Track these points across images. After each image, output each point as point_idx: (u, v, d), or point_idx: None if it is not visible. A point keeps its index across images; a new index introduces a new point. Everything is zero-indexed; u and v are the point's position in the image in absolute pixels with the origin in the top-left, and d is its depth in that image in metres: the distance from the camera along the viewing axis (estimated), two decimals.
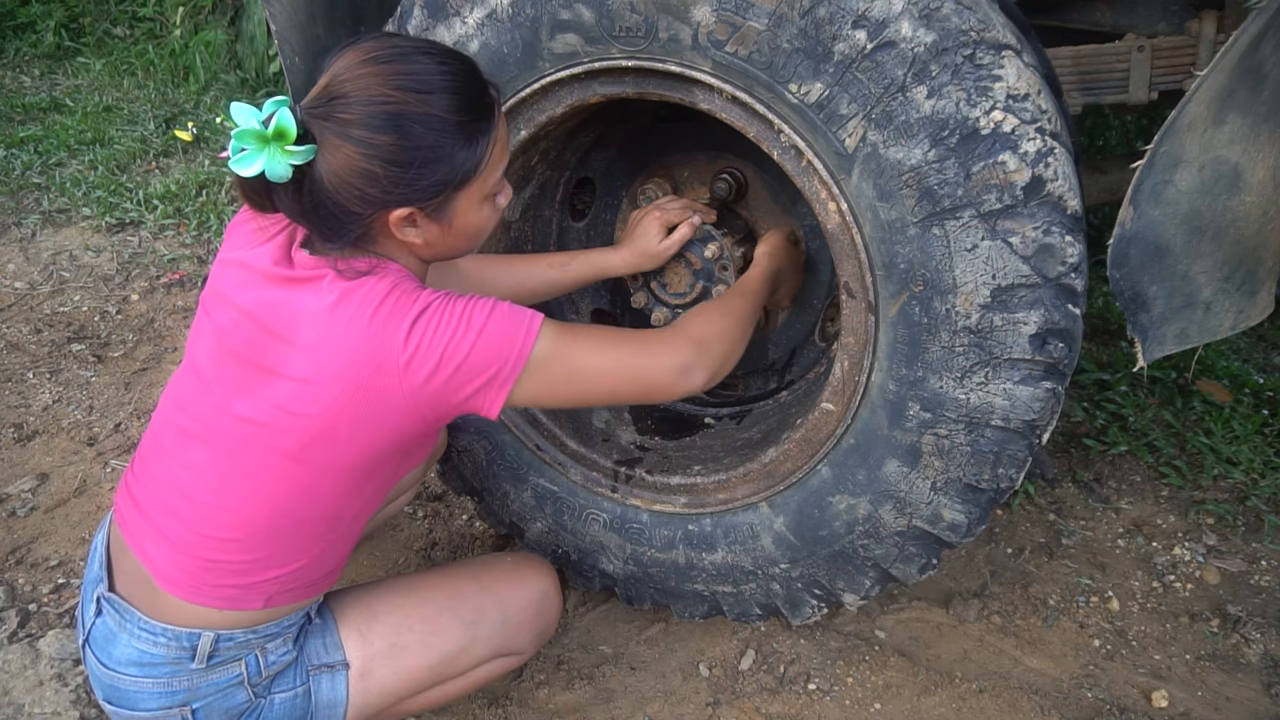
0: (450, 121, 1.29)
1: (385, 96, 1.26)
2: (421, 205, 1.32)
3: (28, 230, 3.57)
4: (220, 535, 1.41)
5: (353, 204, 1.29)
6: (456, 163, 1.31)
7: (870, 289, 1.55)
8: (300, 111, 1.26)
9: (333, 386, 1.31)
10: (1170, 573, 2.27)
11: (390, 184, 1.28)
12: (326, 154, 1.27)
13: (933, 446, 1.60)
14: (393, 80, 1.27)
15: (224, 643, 1.45)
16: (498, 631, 1.64)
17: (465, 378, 1.33)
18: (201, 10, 5.21)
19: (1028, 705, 1.88)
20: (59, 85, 5.09)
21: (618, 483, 1.93)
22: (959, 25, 1.39)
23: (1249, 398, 2.85)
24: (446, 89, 1.29)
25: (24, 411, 2.66)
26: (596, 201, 2.13)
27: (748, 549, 1.84)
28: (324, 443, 1.35)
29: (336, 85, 1.27)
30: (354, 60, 1.29)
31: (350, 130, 1.25)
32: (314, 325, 1.32)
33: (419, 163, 1.28)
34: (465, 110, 1.31)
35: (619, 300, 2.17)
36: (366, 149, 1.25)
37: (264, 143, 1.24)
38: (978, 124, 1.40)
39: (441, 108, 1.28)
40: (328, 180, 1.27)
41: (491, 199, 1.42)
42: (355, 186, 1.28)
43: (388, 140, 1.26)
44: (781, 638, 2.04)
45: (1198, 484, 2.54)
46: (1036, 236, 1.43)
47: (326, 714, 1.54)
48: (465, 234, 1.42)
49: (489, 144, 1.35)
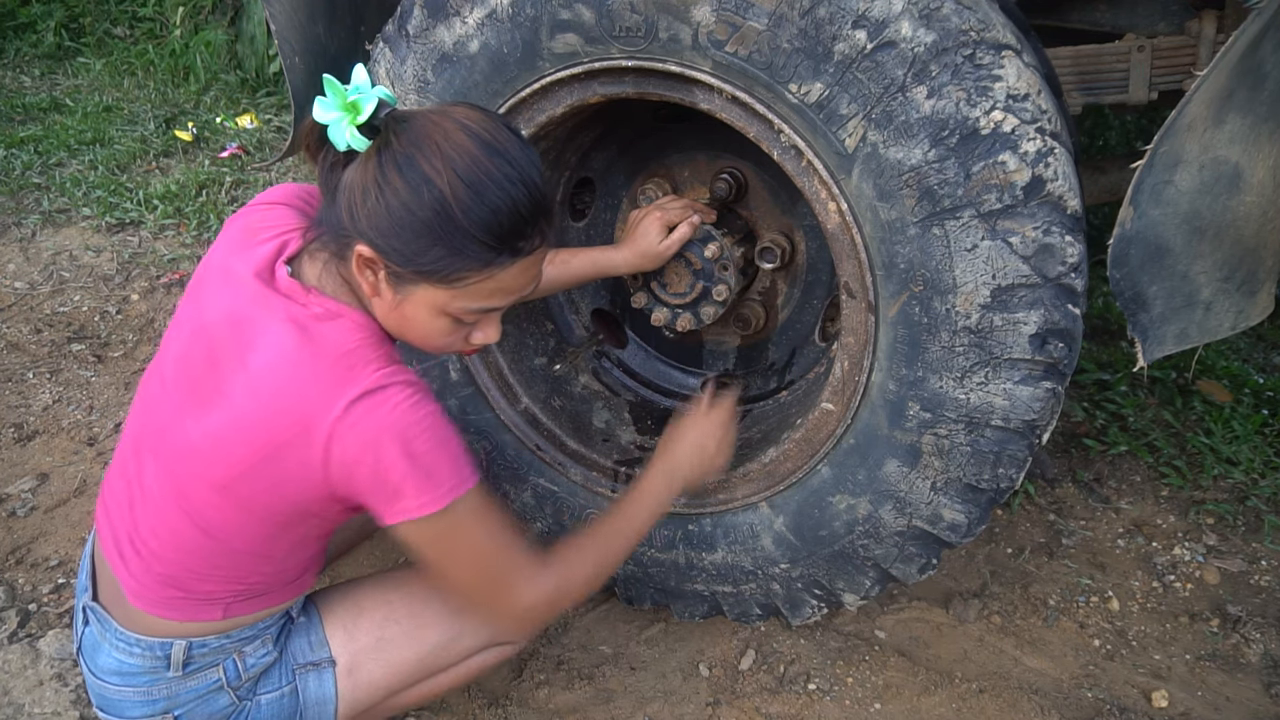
0: (461, 225, 1.23)
1: (437, 162, 1.21)
2: (386, 260, 1.26)
3: (28, 230, 3.58)
4: (161, 552, 1.38)
5: (343, 210, 1.26)
6: (435, 256, 1.24)
7: (870, 289, 1.55)
8: (387, 113, 1.23)
9: (259, 431, 1.27)
10: (1170, 573, 2.27)
11: (373, 219, 1.24)
12: (365, 156, 1.24)
13: (933, 446, 1.60)
14: (460, 157, 1.22)
15: (197, 649, 1.43)
16: (484, 625, 1.61)
17: (376, 486, 1.27)
18: (201, 10, 5.21)
19: (1028, 705, 1.88)
20: (59, 85, 5.09)
21: (618, 483, 1.93)
22: (959, 25, 1.39)
23: (1249, 398, 2.85)
24: (487, 201, 1.23)
25: (24, 411, 2.66)
26: (596, 201, 2.13)
27: (748, 549, 1.83)
28: (245, 483, 1.30)
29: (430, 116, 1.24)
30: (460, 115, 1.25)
31: (392, 154, 1.22)
32: (266, 356, 1.28)
33: (405, 225, 1.23)
34: (485, 230, 1.24)
35: (619, 300, 2.17)
36: (383, 178, 1.22)
37: (343, 105, 1.22)
38: (978, 124, 1.40)
39: (466, 208, 1.22)
40: (348, 174, 1.26)
41: (454, 321, 1.33)
42: (354, 196, 1.25)
43: (400, 188, 1.22)
44: (781, 638, 2.04)
45: (1198, 484, 2.54)
46: (1036, 236, 1.43)
47: (316, 711, 1.52)
48: (409, 325, 1.33)
49: (481, 275, 1.27)
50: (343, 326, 1.30)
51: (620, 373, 2.19)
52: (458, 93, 1.70)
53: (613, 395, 2.14)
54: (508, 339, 1.99)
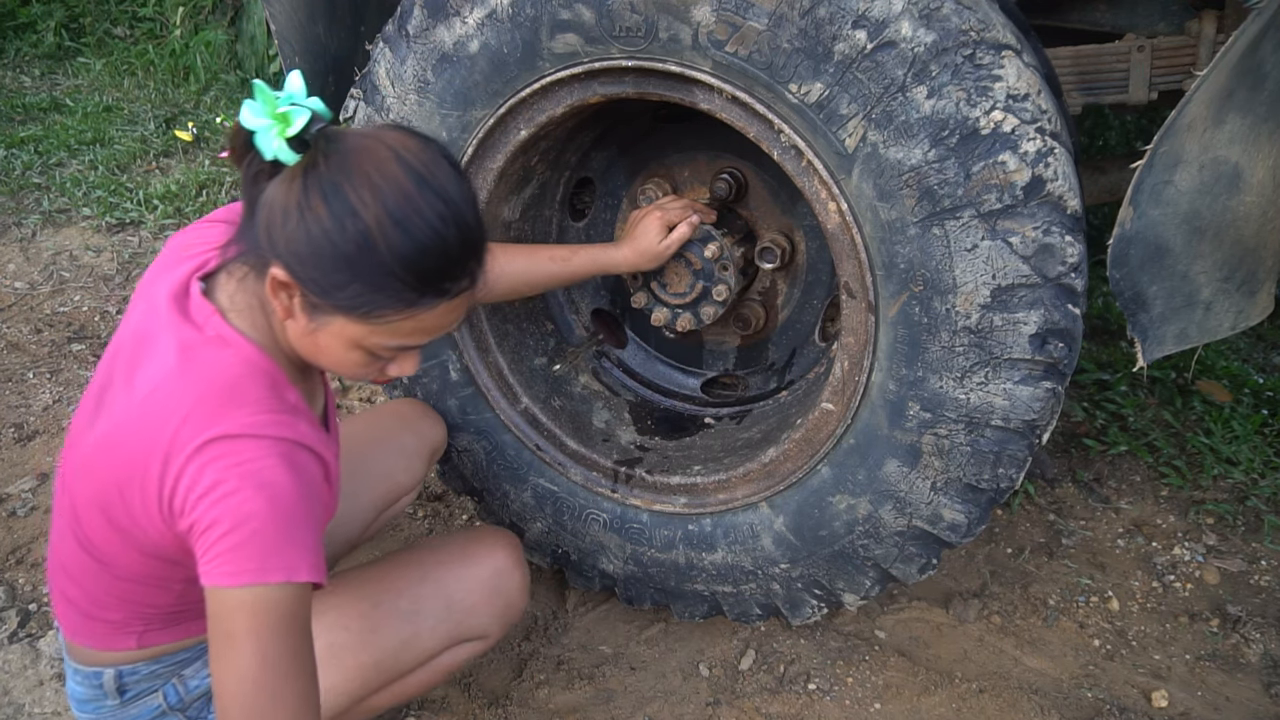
0: (383, 261, 1.15)
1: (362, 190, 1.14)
2: (301, 287, 1.18)
3: (28, 230, 3.57)
4: (67, 578, 1.33)
5: (261, 226, 1.17)
6: (353, 292, 1.16)
7: (870, 289, 1.55)
8: (319, 129, 1.15)
9: (121, 451, 1.21)
10: (1170, 573, 2.27)
11: (290, 241, 1.15)
12: (291, 172, 1.16)
13: (933, 446, 1.60)
14: (388, 186, 1.14)
15: (128, 677, 1.37)
16: (443, 620, 1.55)
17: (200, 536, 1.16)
18: (201, 10, 5.21)
19: (1028, 705, 1.88)
20: (59, 85, 5.09)
21: (618, 483, 1.93)
22: (959, 25, 1.39)
23: (1249, 398, 2.85)
24: (414, 238, 1.15)
25: (24, 411, 2.66)
26: (596, 201, 2.13)
27: (748, 549, 1.84)
28: (112, 505, 1.23)
29: (364, 139, 1.17)
30: (395, 140, 1.18)
31: (318, 175, 1.14)
32: (147, 376, 1.22)
33: (324, 254, 1.14)
34: (411, 272, 1.16)
35: (619, 300, 2.17)
36: (305, 200, 1.14)
37: (271, 114, 1.14)
38: (978, 124, 1.40)
39: (390, 244, 1.14)
40: (270, 188, 1.17)
41: (368, 354, 1.25)
42: (273, 214, 1.16)
43: (322, 213, 1.13)
44: (781, 638, 2.04)
45: (1198, 484, 2.54)
46: (1036, 236, 1.43)
47: None
48: (321, 353, 1.26)
49: (401, 314, 1.19)
50: (229, 358, 1.22)
51: (620, 373, 2.19)
52: (458, 92, 1.70)
53: (613, 395, 2.14)
54: (508, 339, 1.99)
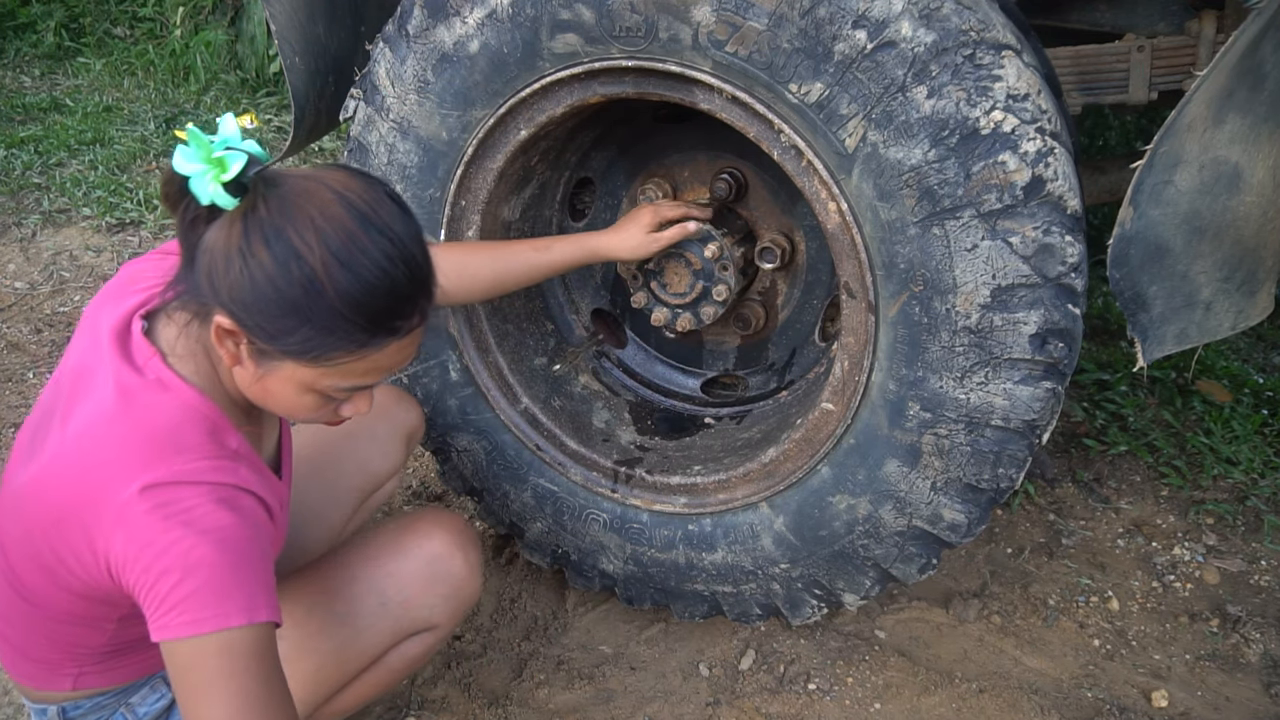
0: (331, 304, 1.13)
1: (305, 234, 1.12)
2: (248, 334, 1.16)
3: (28, 230, 3.57)
4: (9, 620, 1.31)
5: (202, 273, 1.15)
6: (302, 337, 1.15)
7: (870, 289, 1.56)
8: (256, 173, 1.13)
9: (53, 491, 1.18)
10: (1170, 573, 2.27)
11: (233, 288, 1.13)
12: (230, 217, 1.14)
13: (933, 446, 1.60)
14: (331, 227, 1.12)
15: (72, 712, 1.35)
16: (380, 616, 1.49)
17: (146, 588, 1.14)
18: (201, 10, 5.21)
19: (1028, 705, 1.88)
20: (59, 85, 5.09)
21: (618, 483, 1.93)
22: (959, 25, 1.39)
23: (1249, 398, 2.85)
24: (361, 279, 1.13)
25: (24, 412, 2.66)
26: (596, 201, 2.13)
27: (748, 549, 1.84)
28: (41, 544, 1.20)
29: (302, 182, 1.15)
30: (336, 180, 1.16)
31: (258, 220, 1.12)
32: (83, 416, 1.20)
33: (269, 300, 1.13)
34: (357, 311, 1.14)
35: (619, 300, 2.17)
36: (246, 246, 1.12)
37: (206, 159, 1.12)
38: (978, 124, 1.40)
39: (338, 287, 1.12)
40: (209, 234, 1.14)
41: (321, 397, 1.23)
42: (215, 261, 1.14)
43: (264, 260, 1.11)
44: (781, 638, 2.04)
45: (1198, 484, 2.54)
46: (1036, 236, 1.43)
47: None
48: (275, 400, 1.24)
49: (353, 356, 1.18)
50: (168, 403, 1.19)
51: (620, 373, 2.19)
52: (458, 92, 1.70)
53: (613, 395, 2.14)
54: (508, 339, 1.99)
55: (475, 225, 1.84)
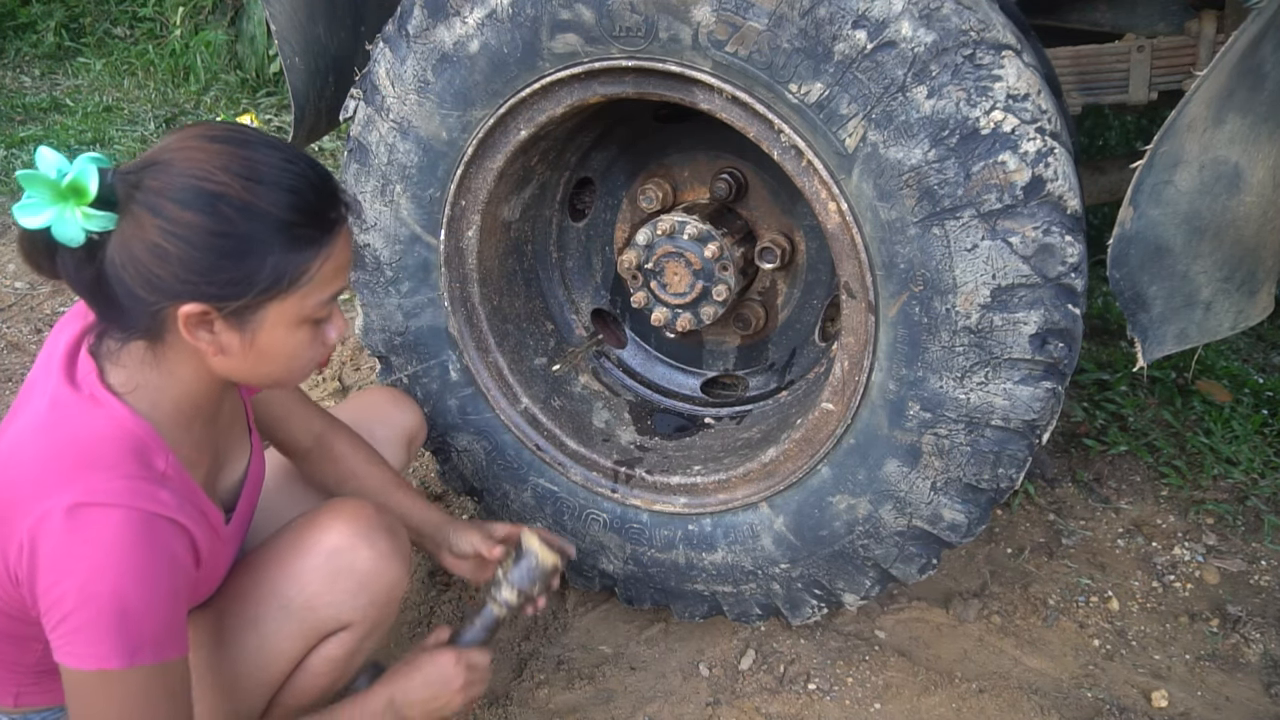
0: (276, 219, 1.12)
1: (207, 174, 1.10)
2: (219, 305, 1.13)
3: None
4: None
5: (137, 286, 1.11)
6: (271, 266, 1.13)
7: (870, 289, 1.56)
8: (113, 175, 1.10)
9: None
10: (1170, 573, 2.27)
11: (182, 269, 1.09)
12: (124, 225, 1.10)
13: (933, 446, 1.60)
14: (221, 159, 1.11)
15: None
16: (284, 620, 1.41)
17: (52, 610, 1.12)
18: (201, 10, 5.21)
19: (1028, 705, 1.88)
20: (59, 85, 5.09)
21: (618, 483, 1.93)
22: (959, 25, 1.39)
23: (1249, 398, 2.85)
24: (282, 185, 1.13)
25: None
26: (596, 201, 2.13)
27: (748, 549, 1.84)
28: None
29: (160, 154, 1.12)
30: (189, 134, 1.14)
31: (156, 200, 1.09)
32: (14, 430, 1.19)
33: (223, 251, 1.10)
34: (298, 212, 1.14)
35: (619, 300, 2.17)
36: (165, 223, 1.08)
37: (57, 196, 1.07)
38: (978, 124, 1.40)
39: (269, 201, 1.12)
40: (118, 253, 1.10)
41: (314, 325, 1.22)
42: (143, 265, 1.09)
43: (191, 218, 1.09)
44: (781, 638, 2.04)
45: (1197, 484, 2.54)
46: (1036, 236, 1.43)
47: None
48: (272, 357, 1.21)
49: (319, 258, 1.16)
50: (96, 419, 1.16)
51: (620, 373, 2.19)
52: (458, 92, 1.70)
53: (613, 395, 2.14)
54: (508, 339, 1.99)
55: (475, 225, 1.84)
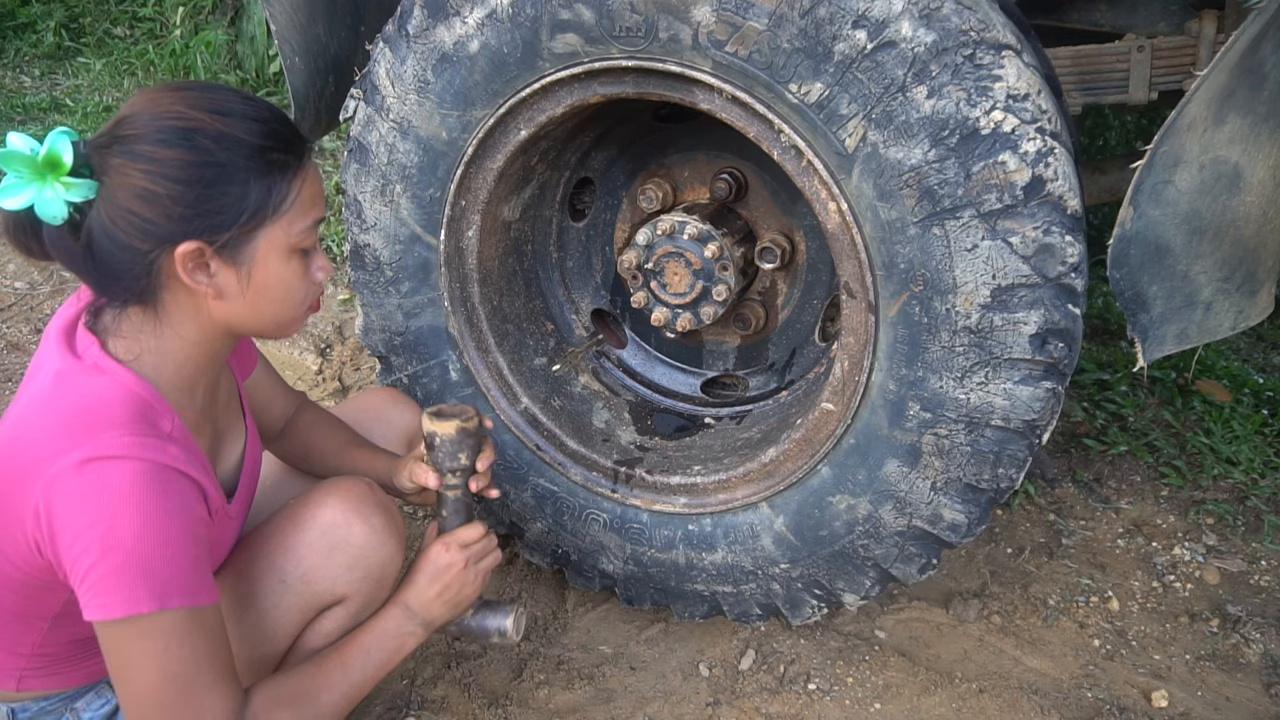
0: (250, 144, 1.17)
1: (178, 113, 1.14)
2: (212, 239, 1.17)
3: None
4: None
5: (132, 237, 1.14)
6: (253, 191, 1.18)
7: (870, 289, 1.56)
8: (84, 145, 1.13)
9: None
10: (1170, 573, 2.27)
11: (174, 206, 1.13)
12: (106, 183, 1.13)
13: (933, 446, 1.60)
14: (189, 100, 1.16)
15: (21, 714, 1.36)
16: (283, 594, 1.44)
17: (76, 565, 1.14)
18: (201, 10, 5.21)
19: (1028, 705, 1.88)
20: (59, 85, 5.09)
21: (618, 483, 1.93)
22: (959, 25, 1.39)
23: (1249, 398, 2.85)
24: (249, 116, 1.18)
25: None
26: (596, 201, 2.13)
27: (748, 549, 1.84)
28: None
29: (125, 113, 1.16)
30: (149, 92, 1.19)
31: (133, 146, 1.13)
32: (20, 403, 1.22)
33: (208, 181, 1.14)
34: (270, 138, 1.19)
35: (619, 300, 2.17)
36: (149, 164, 1.12)
37: (35, 173, 1.09)
38: (978, 124, 1.40)
39: (242, 130, 1.17)
40: (105, 211, 1.13)
41: (301, 257, 1.26)
42: (134, 214, 1.13)
43: (173, 155, 1.13)
44: (781, 638, 2.04)
45: (1198, 484, 2.55)
46: (1036, 236, 1.43)
47: None
48: (269, 293, 1.25)
49: (296, 181, 1.22)
50: (102, 384, 1.19)
51: (620, 373, 2.19)
52: (458, 92, 1.70)
53: (613, 395, 2.14)
54: (508, 339, 1.99)
55: (475, 225, 1.84)
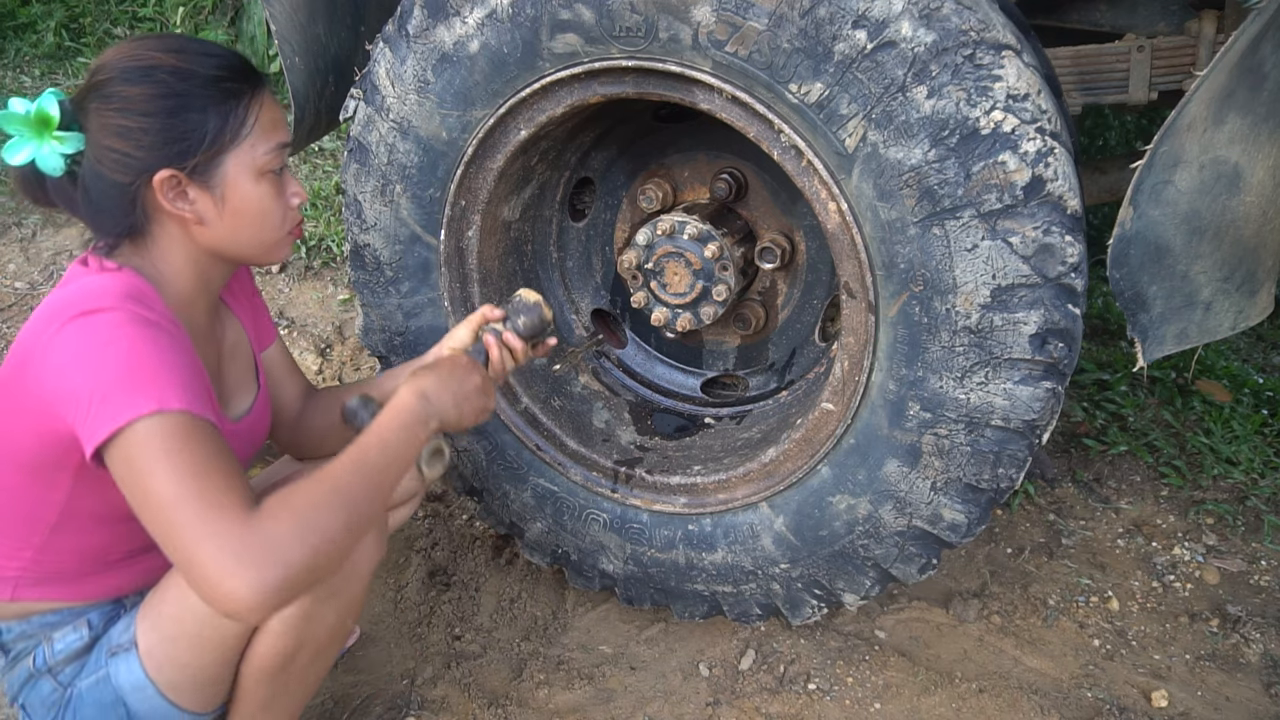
0: (205, 75, 1.30)
1: (140, 55, 1.29)
2: (182, 165, 1.30)
3: (28, 230, 3.57)
4: None
5: (115, 172, 1.28)
6: (211, 118, 1.30)
7: (870, 289, 1.56)
8: (69, 102, 1.28)
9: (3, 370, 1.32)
10: (1170, 573, 2.27)
11: (144, 136, 1.27)
12: (89, 130, 1.28)
13: (933, 446, 1.60)
14: (149, 44, 1.31)
15: (5, 635, 1.44)
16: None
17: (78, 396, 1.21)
18: (201, 10, 5.21)
19: (1028, 705, 1.88)
20: (59, 85, 5.09)
21: (618, 483, 1.93)
22: (959, 25, 1.39)
23: (1249, 398, 2.85)
24: (204, 51, 1.32)
25: None
26: (596, 201, 2.13)
27: (748, 549, 1.84)
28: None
29: (98, 63, 1.30)
30: (117, 45, 1.33)
31: (104, 90, 1.27)
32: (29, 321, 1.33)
33: (170, 111, 1.28)
34: (223, 69, 1.32)
35: (619, 300, 2.17)
36: (120, 103, 1.27)
37: (31, 131, 1.26)
38: (978, 124, 1.40)
39: (196, 64, 1.30)
40: (91, 154, 1.28)
41: (272, 181, 1.38)
42: (114, 150, 1.27)
43: (139, 91, 1.27)
44: (781, 638, 2.04)
45: (1197, 484, 2.55)
46: (1036, 236, 1.43)
47: (139, 699, 1.40)
48: (245, 215, 1.36)
49: (253, 107, 1.35)
50: (104, 278, 1.30)
51: (620, 373, 2.19)
52: (458, 92, 1.70)
53: (613, 395, 2.14)
54: None
55: (475, 225, 1.84)
